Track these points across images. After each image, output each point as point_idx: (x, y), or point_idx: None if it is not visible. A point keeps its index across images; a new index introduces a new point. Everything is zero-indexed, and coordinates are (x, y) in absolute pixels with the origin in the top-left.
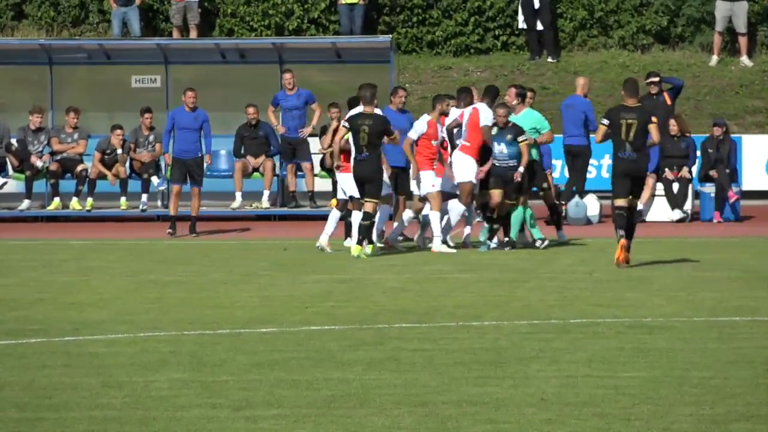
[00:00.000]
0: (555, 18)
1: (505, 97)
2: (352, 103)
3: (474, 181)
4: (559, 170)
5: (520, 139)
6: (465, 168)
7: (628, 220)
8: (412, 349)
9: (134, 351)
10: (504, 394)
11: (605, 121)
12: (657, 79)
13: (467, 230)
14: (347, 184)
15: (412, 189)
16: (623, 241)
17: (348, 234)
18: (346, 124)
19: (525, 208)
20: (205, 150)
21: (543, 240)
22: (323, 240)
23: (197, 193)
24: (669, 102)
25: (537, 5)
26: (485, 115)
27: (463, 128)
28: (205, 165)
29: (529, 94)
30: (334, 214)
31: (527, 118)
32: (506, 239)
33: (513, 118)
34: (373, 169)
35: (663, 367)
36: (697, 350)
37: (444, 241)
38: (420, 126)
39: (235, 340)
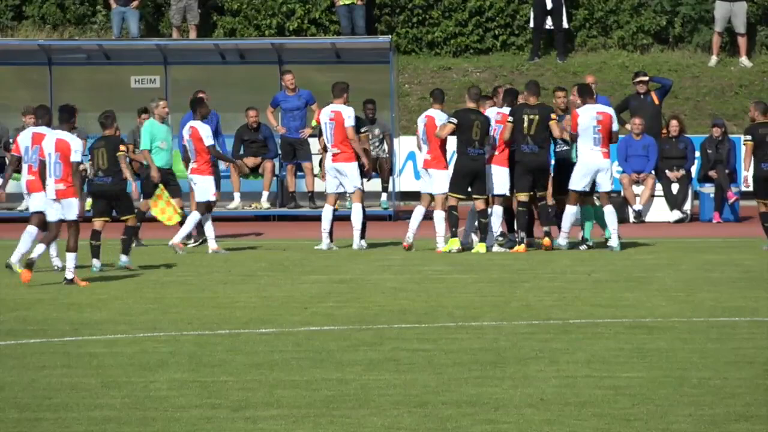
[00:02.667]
0: (570, 19)
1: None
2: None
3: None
4: None
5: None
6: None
7: (530, 217)
8: (412, 350)
9: (133, 351)
10: (503, 395)
11: (454, 120)
12: (645, 78)
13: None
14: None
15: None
16: (547, 241)
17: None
18: (454, 120)
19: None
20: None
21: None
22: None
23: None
24: (657, 101)
25: (550, 5)
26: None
27: (423, 138)
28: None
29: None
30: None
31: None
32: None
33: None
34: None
35: (662, 368)
36: (696, 351)
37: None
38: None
39: (234, 340)
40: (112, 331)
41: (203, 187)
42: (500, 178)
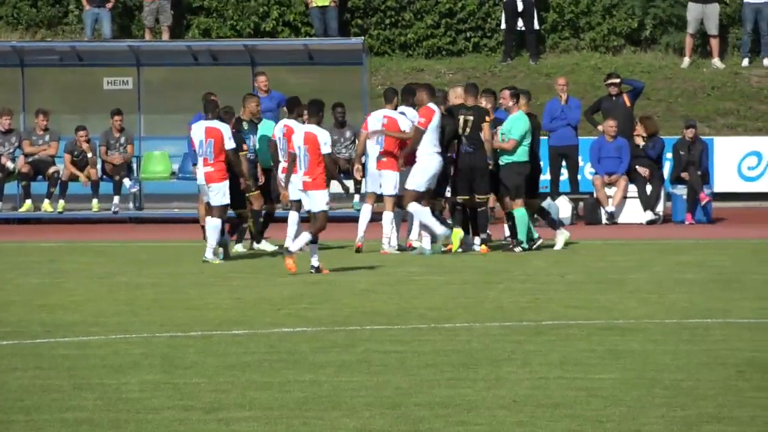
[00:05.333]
0: (541, 21)
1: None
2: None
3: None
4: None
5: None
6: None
7: (472, 216)
8: (384, 351)
9: (106, 353)
10: (476, 396)
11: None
12: (618, 80)
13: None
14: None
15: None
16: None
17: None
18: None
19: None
20: None
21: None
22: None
23: None
24: (628, 104)
25: (520, 7)
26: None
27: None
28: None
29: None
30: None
31: (520, 119)
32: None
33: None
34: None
35: (635, 369)
36: (668, 352)
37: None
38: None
39: (206, 342)
40: (85, 333)
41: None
42: (389, 181)
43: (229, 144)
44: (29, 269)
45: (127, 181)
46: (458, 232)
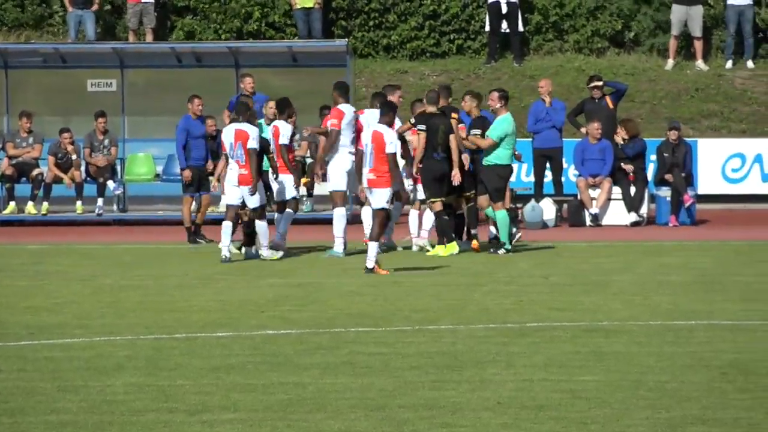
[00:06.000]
0: (525, 23)
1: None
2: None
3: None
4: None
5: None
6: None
7: (458, 219)
8: (369, 353)
9: (90, 355)
10: (460, 398)
11: (422, 127)
12: (600, 83)
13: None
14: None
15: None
16: (475, 243)
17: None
18: (422, 127)
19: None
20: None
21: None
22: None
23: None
24: (611, 106)
25: (504, 9)
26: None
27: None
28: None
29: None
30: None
31: (505, 121)
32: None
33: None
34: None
35: (619, 371)
36: (653, 354)
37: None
38: None
39: (191, 344)
40: (69, 335)
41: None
42: (287, 184)
43: (252, 144)
44: (13, 271)
45: (111, 184)
46: (452, 246)
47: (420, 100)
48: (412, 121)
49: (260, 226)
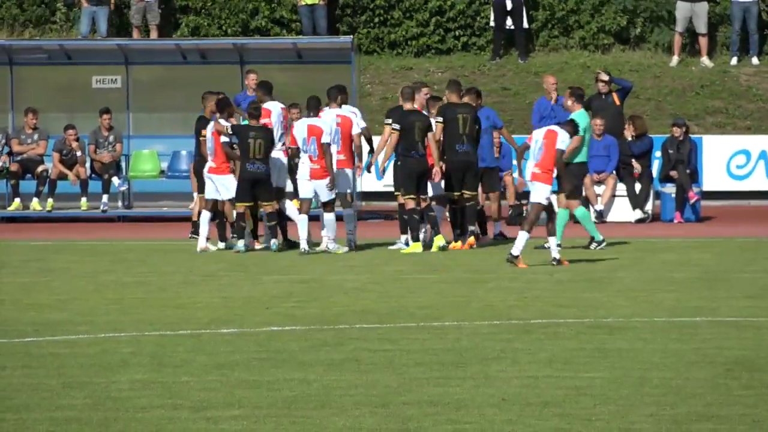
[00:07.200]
0: (531, 19)
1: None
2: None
3: None
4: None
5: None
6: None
7: (462, 213)
8: (373, 350)
9: (95, 352)
10: (465, 395)
11: (397, 126)
12: (607, 78)
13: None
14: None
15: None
16: (471, 240)
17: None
18: (396, 126)
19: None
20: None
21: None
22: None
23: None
24: (618, 102)
25: (509, 6)
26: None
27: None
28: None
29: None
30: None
31: (581, 117)
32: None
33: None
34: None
35: (624, 368)
36: (657, 350)
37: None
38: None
39: (195, 341)
40: (74, 331)
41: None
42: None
43: (326, 138)
44: (18, 268)
45: (115, 180)
46: (417, 245)
47: (434, 98)
48: (439, 119)
49: (329, 219)
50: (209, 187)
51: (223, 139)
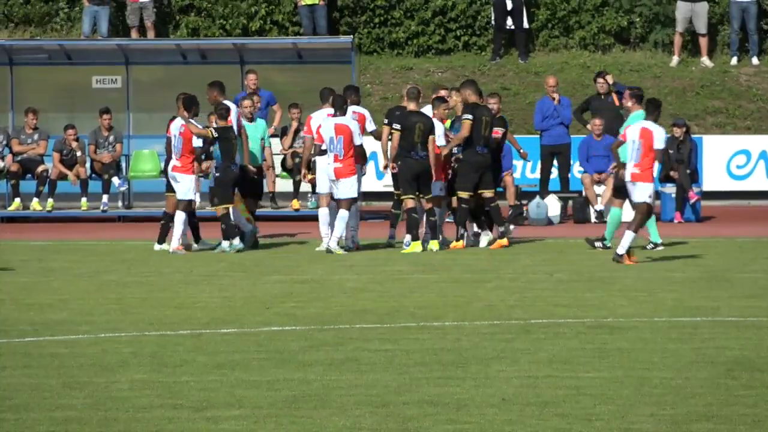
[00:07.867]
0: (531, 19)
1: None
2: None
3: None
4: (519, 171)
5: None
6: None
7: (477, 211)
8: (373, 350)
9: (95, 352)
10: (465, 395)
11: (397, 126)
12: (607, 77)
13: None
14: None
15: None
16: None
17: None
18: (398, 126)
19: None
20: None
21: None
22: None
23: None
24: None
25: (510, 6)
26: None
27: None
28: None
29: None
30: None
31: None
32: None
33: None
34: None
35: (624, 368)
36: (657, 350)
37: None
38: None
39: (195, 340)
40: (74, 331)
41: (186, 186)
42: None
43: (358, 140)
44: (17, 268)
45: (115, 180)
46: (416, 244)
47: (439, 99)
48: (468, 116)
49: (342, 216)
50: (183, 187)
51: (196, 143)
